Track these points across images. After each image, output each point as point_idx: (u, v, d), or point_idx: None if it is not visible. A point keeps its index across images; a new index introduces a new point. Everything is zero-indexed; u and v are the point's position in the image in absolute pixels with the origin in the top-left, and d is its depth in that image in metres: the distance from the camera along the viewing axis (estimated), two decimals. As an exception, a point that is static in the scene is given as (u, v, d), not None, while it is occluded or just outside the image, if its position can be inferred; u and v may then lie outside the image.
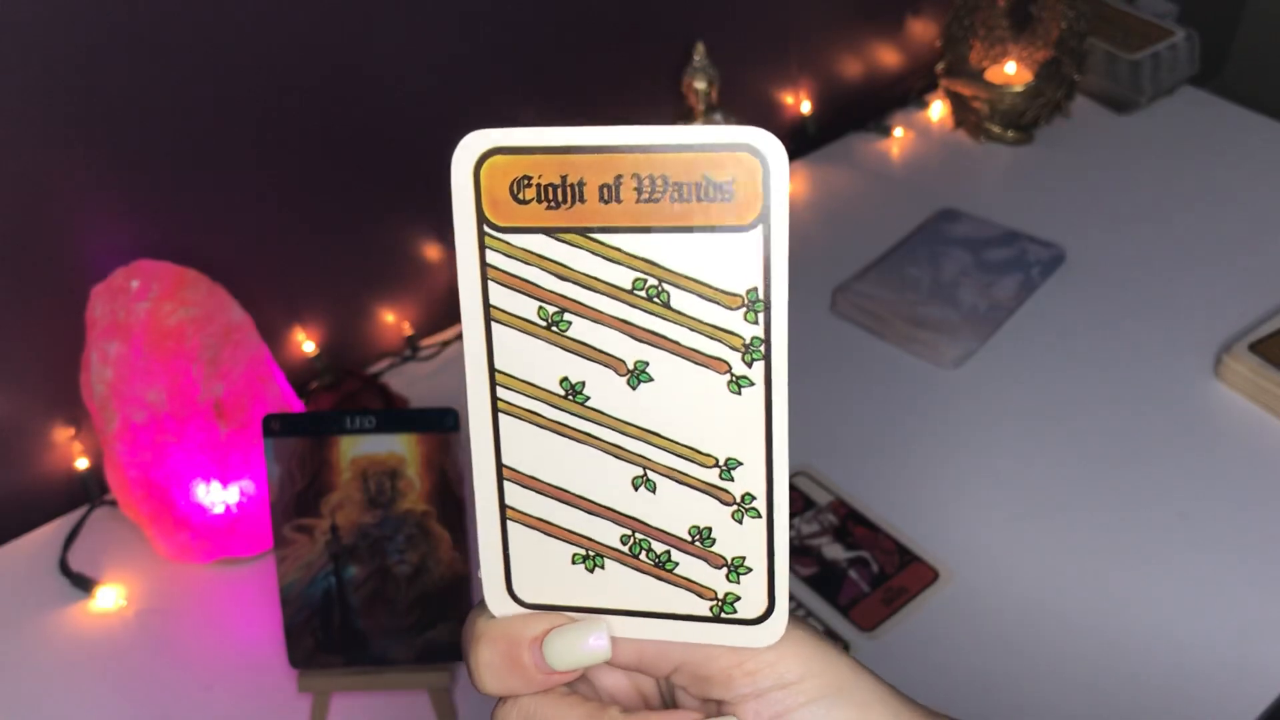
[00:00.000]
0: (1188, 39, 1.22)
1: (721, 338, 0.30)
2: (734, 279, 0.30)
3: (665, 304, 0.30)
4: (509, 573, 0.33)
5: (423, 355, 0.96)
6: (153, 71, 0.75)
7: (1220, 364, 0.90)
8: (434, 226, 0.94)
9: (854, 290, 0.98)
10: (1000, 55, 1.16)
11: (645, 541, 0.32)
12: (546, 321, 0.31)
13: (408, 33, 0.85)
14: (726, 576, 0.32)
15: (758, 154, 0.29)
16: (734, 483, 0.31)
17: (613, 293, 0.31)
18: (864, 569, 0.78)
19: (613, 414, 0.32)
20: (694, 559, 0.32)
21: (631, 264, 0.30)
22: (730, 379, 0.31)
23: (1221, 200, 1.09)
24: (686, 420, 0.31)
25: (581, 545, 0.33)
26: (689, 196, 0.30)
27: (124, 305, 0.73)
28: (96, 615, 0.77)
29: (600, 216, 0.30)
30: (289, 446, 0.66)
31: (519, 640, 0.32)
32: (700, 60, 0.98)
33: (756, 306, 0.30)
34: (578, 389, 0.32)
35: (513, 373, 0.32)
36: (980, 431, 0.88)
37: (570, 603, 0.33)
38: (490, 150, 0.30)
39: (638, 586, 0.33)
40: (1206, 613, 0.74)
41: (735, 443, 0.31)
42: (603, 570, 0.33)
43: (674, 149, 0.29)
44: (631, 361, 0.31)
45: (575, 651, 0.32)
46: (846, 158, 1.16)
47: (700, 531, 0.32)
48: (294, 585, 0.68)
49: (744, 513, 0.32)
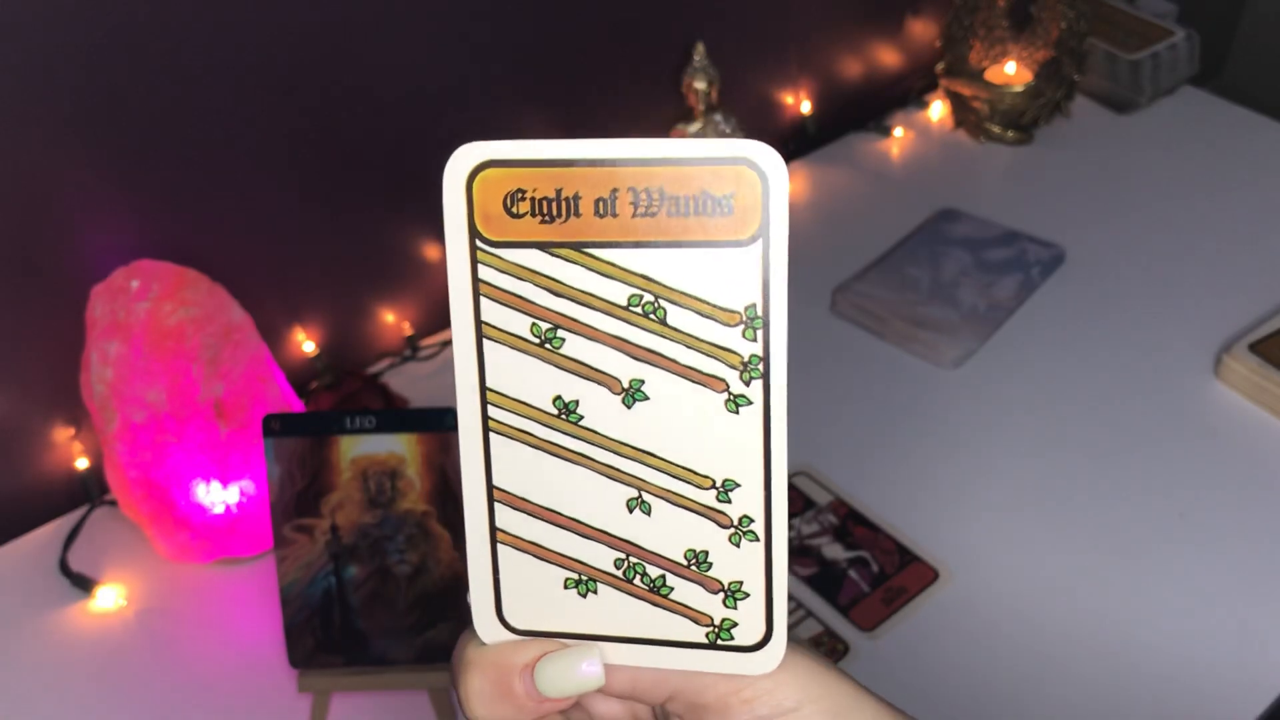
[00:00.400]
0: (1188, 39, 1.22)
1: (719, 355, 0.30)
2: (732, 295, 0.29)
3: (662, 321, 0.30)
4: (499, 598, 0.32)
5: (423, 355, 0.96)
6: (153, 72, 0.75)
7: (1220, 364, 0.90)
8: (434, 226, 0.94)
9: (854, 290, 0.98)
10: (1000, 55, 1.16)
11: (640, 565, 0.32)
12: (540, 339, 0.30)
13: (408, 33, 0.85)
14: (723, 602, 0.31)
15: (757, 168, 0.29)
16: (731, 505, 0.31)
17: (608, 309, 0.30)
18: (864, 569, 0.78)
19: (607, 434, 0.31)
20: (690, 584, 0.31)
21: (628, 279, 0.30)
22: (728, 398, 0.30)
23: (1221, 200, 1.09)
24: (683, 440, 0.30)
25: (574, 569, 0.32)
26: (687, 211, 0.29)
27: (124, 305, 0.73)
28: (96, 615, 0.77)
29: (596, 231, 0.29)
30: (289, 446, 0.66)
31: (510, 668, 0.31)
32: (700, 60, 0.98)
33: (755, 323, 0.29)
34: (571, 408, 0.31)
35: (505, 391, 0.31)
36: (980, 431, 0.88)
37: (562, 629, 0.32)
38: (483, 163, 0.30)
39: (632, 612, 0.32)
40: (1206, 612, 0.74)
41: (733, 463, 0.30)
42: (596, 595, 0.32)
43: (671, 162, 0.29)
44: (627, 380, 0.30)
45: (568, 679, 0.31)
46: (846, 158, 1.16)
47: (696, 555, 0.31)
48: (294, 585, 0.68)
49: (741, 536, 0.31)
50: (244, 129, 0.81)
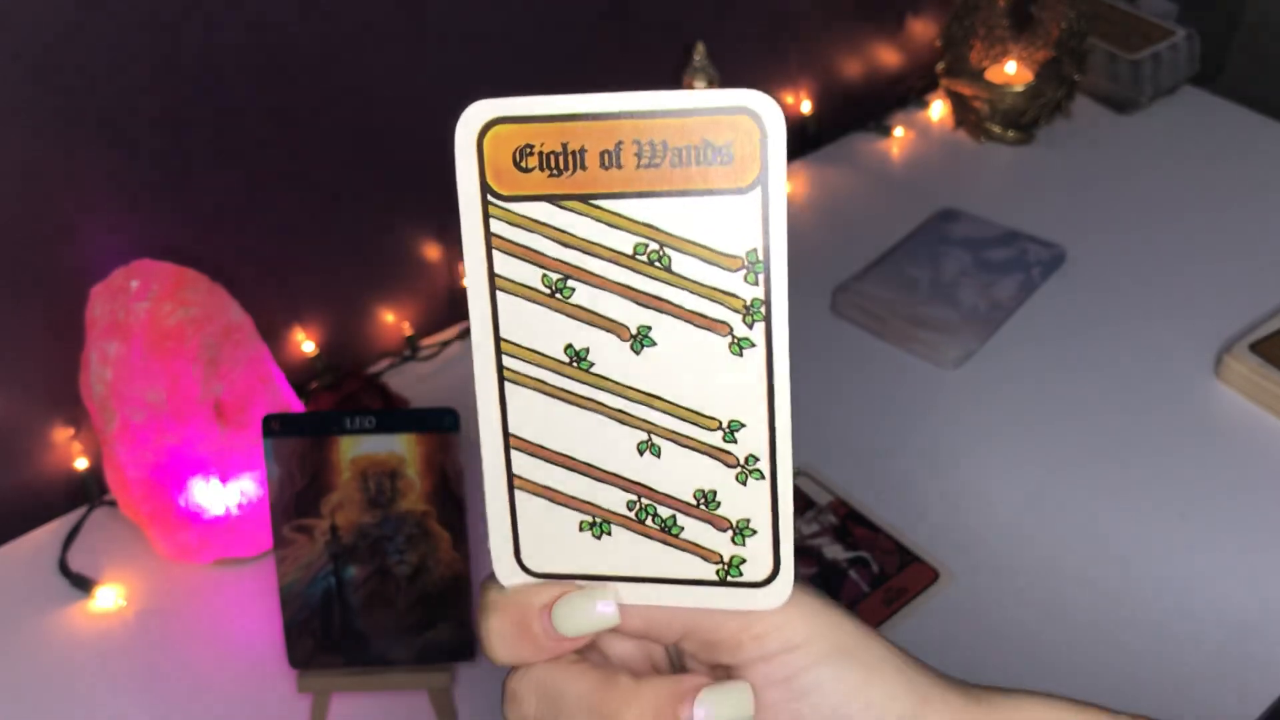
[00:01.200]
0: (1188, 39, 1.22)
1: (722, 300, 0.31)
2: (733, 241, 0.30)
3: (666, 268, 0.31)
4: (517, 542, 0.33)
5: (423, 355, 0.96)
6: (153, 71, 0.75)
7: (1220, 364, 0.90)
8: (434, 226, 0.94)
9: (854, 290, 0.98)
10: (1000, 55, 1.16)
11: (651, 507, 0.33)
12: (550, 289, 0.31)
13: (407, 34, 0.85)
14: (732, 539, 0.32)
15: (755, 116, 0.30)
16: (737, 445, 0.32)
17: (615, 258, 0.31)
18: (864, 569, 0.78)
19: (617, 379, 0.32)
20: (699, 523, 0.32)
21: (633, 229, 0.31)
22: (732, 341, 0.31)
23: (1221, 200, 1.09)
24: (689, 383, 0.31)
25: (588, 512, 0.33)
26: (688, 161, 0.30)
27: (124, 305, 0.73)
28: (96, 615, 0.77)
29: (602, 183, 0.30)
30: (289, 446, 0.66)
31: (529, 609, 0.32)
32: (700, 60, 0.98)
33: (756, 268, 0.30)
34: (582, 355, 0.32)
35: (518, 340, 0.32)
36: (980, 431, 0.88)
37: (578, 571, 0.33)
38: (493, 120, 0.31)
39: (644, 552, 0.33)
40: (1206, 612, 0.74)
41: (738, 405, 0.31)
42: (610, 537, 0.33)
43: (673, 114, 0.30)
44: (634, 326, 0.31)
45: (584, 619, 0.32)
46: (846, 158, 1.16)
47: (705, 495, 0.32)
48: (294, 585, 0.68)
49: (748, 475, 0.32)
50: (244, 129, 0.81)
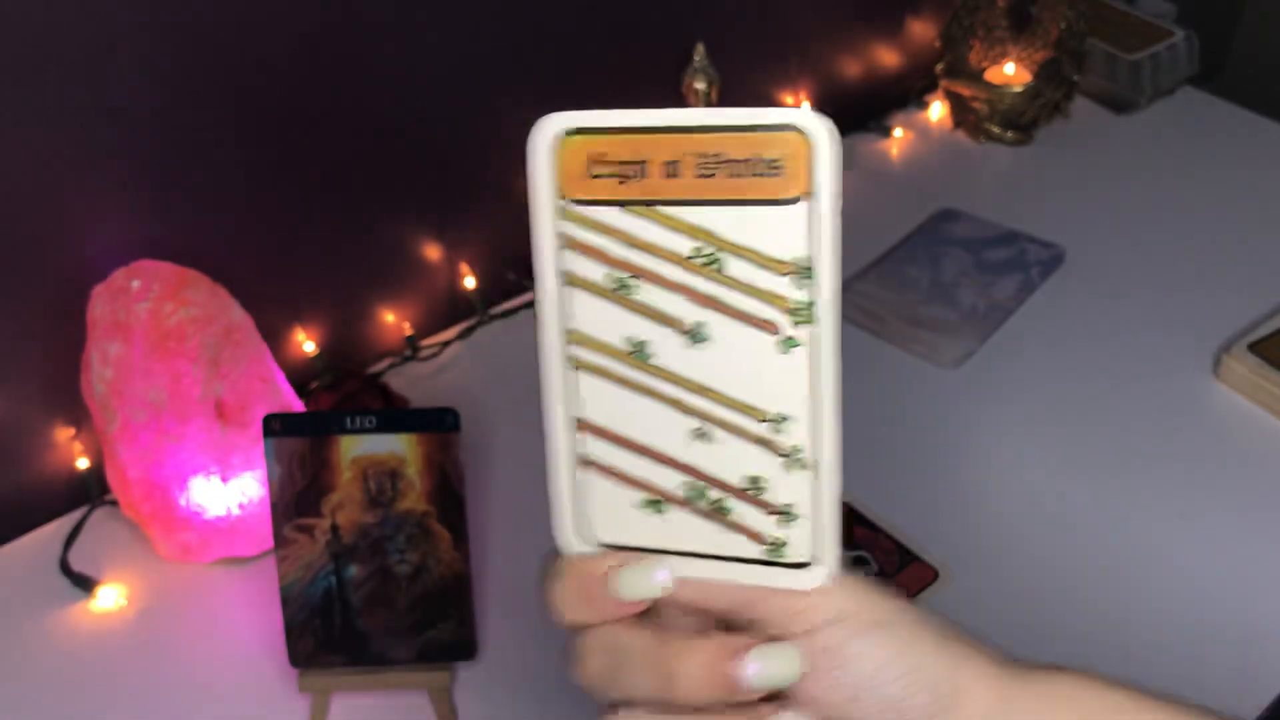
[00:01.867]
0: (1187, 39, 1.22)
1: (771, 301, 0.33)
2: (782, 248, 0.33)
3: (720, 270, 0.33)
4: (581, 516, 0.36)
5: (423, 355, 0.96)
6: (153, 71, 0.75)
7: (1220, 364, 0.90)
8: (434, 226, 0.94)
9: (854, 290, 0.98)
10: (1000, 55, 1.16)
11: (703, 489, 0.35)
12: (614, 285, 0.34)
13: (408, 34, 0.85)
14: (776, 523, 0.34)
15: (805, 133, 0.32)
16: (783, 436, 0.34)
17: (674, 259, 0.33)
18: (864, 569, 0.78)
19: (674, 370, 0.34)
20: (747, 506, 0.35)
21: (691, 233, 0.33)
22: (780, 339, 0.33)
23: (1220, 200, 1.09)
24: (740, 377, 0.34)
25: (647, 491, 0.35)
26: (743, 172, 0.32)
27: (124, 305, 0.73)
28: (96, 615, 0.77)
29: (664, 190, 0.33)
30: (289, 446, 0.66)
31: (592, 575, 0.35)
32: (700, 60, 0.98)
33: (805, 274, 0.32)
34: (642, 347, 0.34)
35: (584, 331, 0.35)
36: (980, 431, 0.88)
37: (637, 543, 0.36)
38: (567, 130, 0.34)
39: (697, 530, 0.35)
40: (1206, 613, 0.74)
41: (784, 399, 0.34)
42: (666, 515, 0.35)
43: (731, 129, 0.32)
44: (690, 323, 0.34)
45: (642, 585, 0.35)
46: (846, 158, 1.15)
47: (753, 481, 0.34)
48: (294, 585, 0.68)
49: (793, 464, 0.34)
50: (244, 129, 0.81)
